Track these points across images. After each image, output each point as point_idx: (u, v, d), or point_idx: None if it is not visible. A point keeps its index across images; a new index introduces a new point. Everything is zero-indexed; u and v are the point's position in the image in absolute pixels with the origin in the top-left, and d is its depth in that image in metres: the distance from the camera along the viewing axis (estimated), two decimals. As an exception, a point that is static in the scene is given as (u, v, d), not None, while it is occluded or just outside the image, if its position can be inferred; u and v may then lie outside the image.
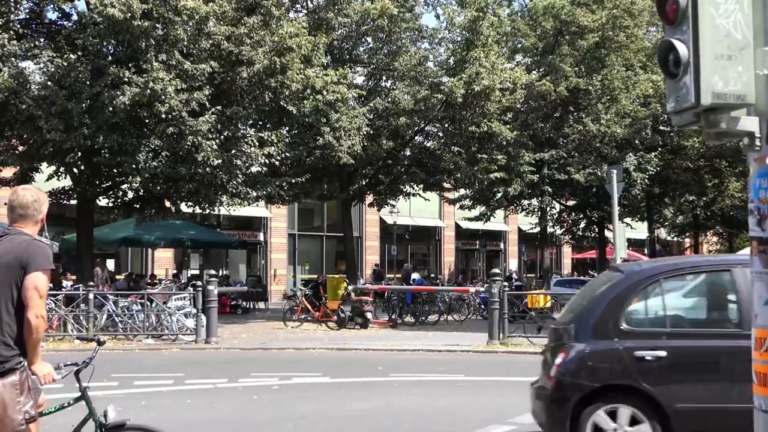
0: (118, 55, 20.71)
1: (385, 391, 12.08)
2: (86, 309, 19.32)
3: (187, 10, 19.46)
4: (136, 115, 19.91)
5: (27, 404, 4.66)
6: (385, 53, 29.45)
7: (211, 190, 21.89)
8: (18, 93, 19.30)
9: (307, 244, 42.24)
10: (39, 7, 21.21)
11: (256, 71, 20.81)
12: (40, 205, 4.97)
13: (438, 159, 29.95)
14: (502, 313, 18.82)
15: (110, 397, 10.57)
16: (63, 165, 21.57)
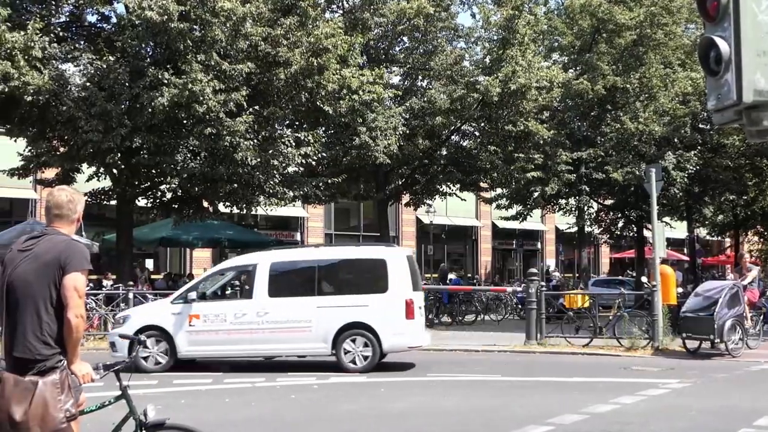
0: (156, 56, 20.91)
1: (422, 390, 12.07)
2: (126, 308, 19.51)
3: (224, 11, 19.60)
4: (175, 116, 20.10)
5: (68, 402, 4.68)
6: (421, 53, 29.40)
7: (249, 190, 22.01)
8: (59, 95, 19.57)
9: (344, 243, 42.28)
10: (79, 10, 21.48)
11: (292, 72, 20.89)
12: (74, 205, 5.00)
13: (474, 158, 29.81)
14: (539, 313, 18.72)
15: (150, 395, 10.68)
16: (103, 165, 21.82)
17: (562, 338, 18.72)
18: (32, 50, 18.83)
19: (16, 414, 4.55)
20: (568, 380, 13.32)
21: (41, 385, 4.59)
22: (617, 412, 10.13)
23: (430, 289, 28.12)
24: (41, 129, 20.78)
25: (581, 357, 17.07)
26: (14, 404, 4.57)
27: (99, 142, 19.46)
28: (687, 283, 33.10)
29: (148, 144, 20.16)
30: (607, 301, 21.49)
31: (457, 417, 9.97)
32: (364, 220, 42.41)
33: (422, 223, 42.41)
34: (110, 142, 19.55)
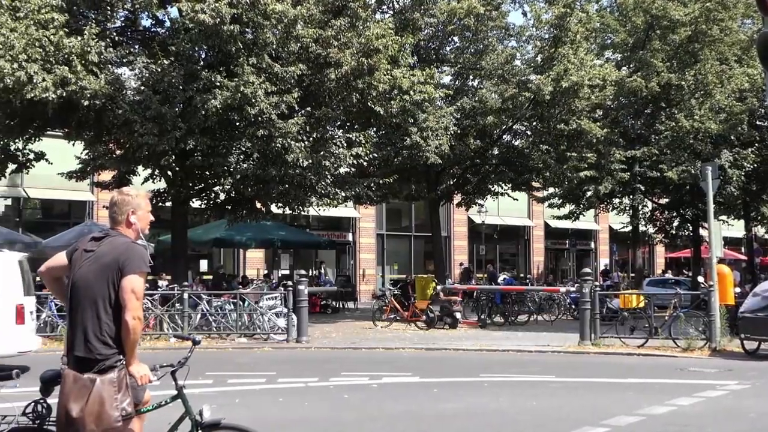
0: (209, 59, 21.15)
1: (475, 391, 12.03)
2: (181, 308, 19.77)
3: (275, 13, 19.75)
4: (227, 118, 20.32)
5: (124, 401, 4.74)
6: (471, 52, 29.31)
7: (301, 191, 22.14)
8: (114, 98, 19.90)
9: (396, 244, 42.35)
10: (134, 15, 21.83)
11: (343, 73, 20.97)
12: (120, 207, 5.08)
13: (526, 158, 29.65)
14: (593, 314, 18.54)
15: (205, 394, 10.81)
16: (158, 167, 22.15)
17: (616, 339, 18.52)
18: (89, 55, 19.19)
19: (73, 411, 4.63)
20: (623, 381, 13.17)
21: (98, 383, 4.67)
22: (674, 413, 10.00)
23: (482, 289, 28.05)
24: (98, 132, 21.14)
25: (636, 358, 16.86)
26: (72, 401, 4.65)
27: (154, 144, 19.76)
28: (745, 282, 32.53)
29: (202, 146, 20.41)
30: (663, 301, 21.20)
31: (510, 418, 9.92)
32: (415, 221, 42.42)
33: (474, 223, 42.28)
34: (165, 145, 19.84)
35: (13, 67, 18.23)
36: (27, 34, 18.64)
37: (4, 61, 18.20)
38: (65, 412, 4.67)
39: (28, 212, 31.64)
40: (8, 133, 21.73)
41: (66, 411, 4.67)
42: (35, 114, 20.36)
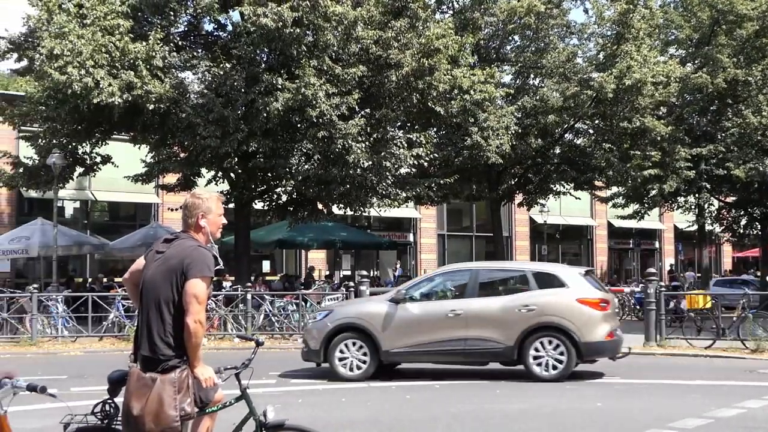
0: (271, 62, 21.35)
1: (539, 392, 11.92)
2: (245, 309, 19.99)
3: (335, 15, 19.85)
4: (289, 120, 20.49)
5: (184, 402, 4.78)
6: (532, 51, 29.10)
7: (362, 192, 22.21)
8: (178, 102, 20.22)
9: (457, 244, 42.22)
10: (196, 19, 22.12)
11: (404, 74, 20.99)
12: (191, 210, 5.11)
13: (589, 156, 29.32)
14: (658, 314, 18.25)
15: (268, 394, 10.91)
16: (221, 170, 22.44)
17: (682, 340, 18.20)
18: (153, 60, 19.54)
19: (134, 409, 4.70)
20: (690, 383, 12.94)
21: (159, 382, 4.72)
22: (743, 416, 9.78)
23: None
24: (162, 136, 21.48)
25: (703, 359, 16.54)
26: (134, 399, 4.73)
27: (217, 147, 20.03)
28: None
29: (264, 148, 20.62)
30: (731, 301, 20.77)
31: (574, 419, 9.82)
32: (476, 221, 42.24)
33: (536, 222, 41.94)
34: (227, 147, 20.09)
35: (80, 72, 18.65)
36: (94, 41, 19.06)
37: (72, 67, 18.63)
38: (127, 409, 4.75)
39: (95, 214, 32.28)
40: (76, 137, 22.24)
41: (128, 409, 4.75)
42: (102, 118, 20.80)
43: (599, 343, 12.90)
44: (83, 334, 19.41)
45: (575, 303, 12.88)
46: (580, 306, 12.87)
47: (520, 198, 32.75)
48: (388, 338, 13.06)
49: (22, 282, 26.34)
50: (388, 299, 13.58)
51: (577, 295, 12.97)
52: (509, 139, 25.50)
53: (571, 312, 12.80)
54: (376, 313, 13.34)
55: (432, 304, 13.51)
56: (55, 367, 15.17)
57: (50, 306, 19.83)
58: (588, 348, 12.72)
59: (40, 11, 19.54)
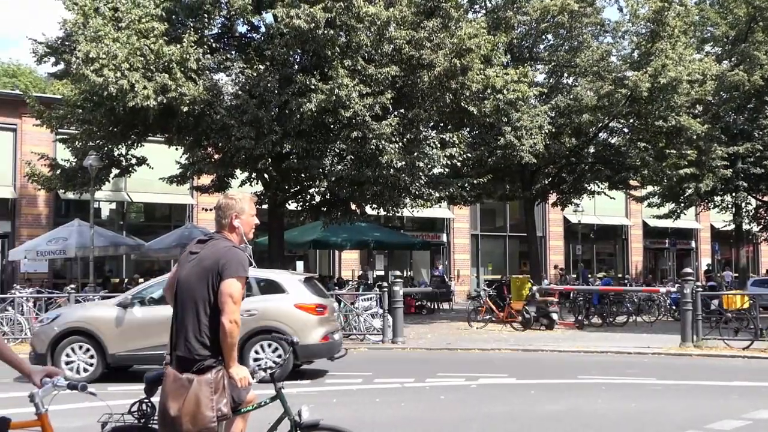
0: (304, 63, 21.43)
1: (573, 393, 11.87)
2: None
3: (368, 16, 19.87)
4: (322, 121, 20.54)
5: (221, 402, 4.81)
6: (566, 49, 28.96)
7: (395, 192, 22.22)
8: (212, 104, 20.36)
9: (490, 244, 42.09)
10: (230, 21, 22.26)
11: (436, 73, 20.96)
12: (224, 211, 5.15)
13: (623, 155, 29.12)
14: (695, 315, 18.06)
15: (303, 394, 10.96)
16: (255, 171, 22.56)
17: (720, 340, 18.00)
18: (188, 62, 19.68)
19: (171, 410, 4.74)
20: (728, 384, 12.80)
21: (195, 383, 4.75)
22: (782, 418, 9.66)
23: (579, 289, 27.63)
24: (197, 137, 21.64)
25: (741, 360, 16.35)
26: (170, 400, 4.76)
27: (251, 148, 20.14)
28: None
29: (298, 149, 20.69)
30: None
31: (610, 421, 9.75)
32: (510, 221, 42.08)
33: (570, 222, 41.73)
34: (261, 148, 20.20)
35: (116, 75, 18.84)
36: (129, 44, 19.24)
37: (107, 70, 18.83)
38: (164, 410, 4.79)
39: (131, 215, 32.61)
40: (111, 139, 22.47)
41: (165, 409, 4.79)
42: (137, 120, 21.00)
43: (314, 346, 13.32)
44: (120, 334, 19.55)
45: (293, 308, 13.43)
46: (297, 311, 13.43)
47: (553, 197, 32.61)
48: (114, 342, 13.38)
49: (59, 282, 26.66)
50: (116, 303, 13.87)
51: (295, 300, 13.51)
52: (543, 138, 25.39)
53: (288, 316, 13.33)
54: (103, 317, 13.65)
55: (156, 309, 13.37)
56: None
57: (87, 306, 20.00)
58: (304, 350, 13.02)
59: (77, 15, 19.75)
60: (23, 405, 4.83)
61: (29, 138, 28.18)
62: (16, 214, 28.78)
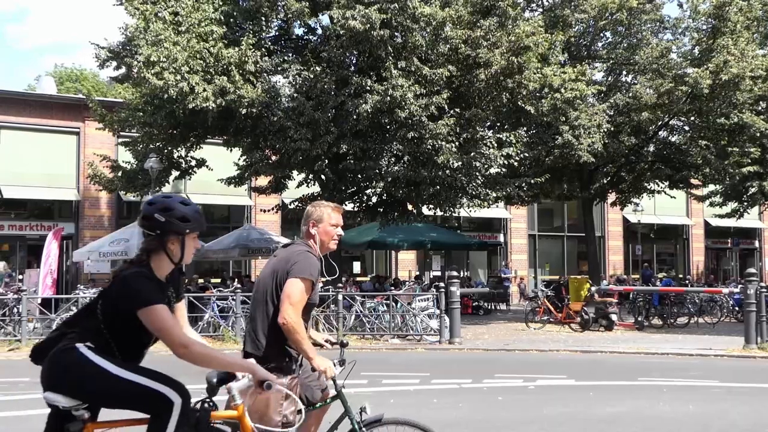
0: (360, 64, 21.50)
1: (633, 395, 11.71)
2: (336, 310, 20.17)
3: (424, 16, 19.87)
4: (378, 122, 20.59)
5: (288, 409, 4.91)
6: (624, 47, 28.62)
7: (452, 193, 22.17)
8: (270, 106, 20.56)
9: (548, 244, 41.76)
10: (287, 24, 22.44)
11: (493, 72, 20.87)
12: (305, 218, 5.37)
13: (684, 154, 28.67)
14: (759, 316, 17.69)
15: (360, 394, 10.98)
16: (311, 172, 22.70)
17: (785, 342, 17.62)
18: (246, 65, 19.91)
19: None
20: (794, 387, 12.52)
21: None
22: None
23: (639, 290, 27.26)
24: (254, 139, 21.85)
25: (808, 363, 15.99)
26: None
27: (308, 149, 20.27)
28: None
29: (354, 150, 20.77)
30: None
31: (670, 424, 9.60)
32: (568, 220, 41.71)
33: (629, 222, 41.21)
34: (318, 150, 20.32)
35: (176, 78, 19.14)
36: (189, 47, 19.53)
37: (168, 73, 19.13)
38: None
39: (190, 217, 32.99)
40: (171, 141, 22.83)
41: None
42: (196, 122, 21.29)
43: None
44: (180, 334, 19.82)
45: None
46: None
47: (612, 197, 32.25)
48: None
49: (121, 283, 27.04)
50: None
51: None
52: (601, 137, 25.12)
53: None
54: None
55: None
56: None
57: (148, 306, 20.29)
58: None
59: (138, 20, 20.11)
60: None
61: (92, 141, 28.77)
62: (79, 216, 29.39)
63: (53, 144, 29.27)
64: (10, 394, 11.66)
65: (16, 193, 28.08)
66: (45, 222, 28.41)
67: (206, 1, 20.51)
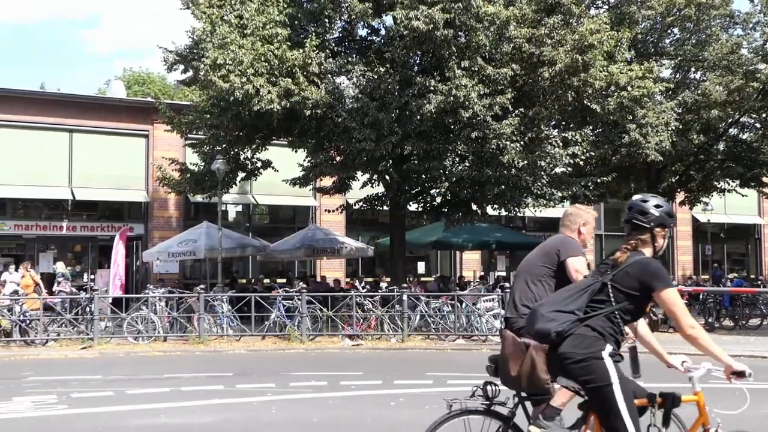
0: (423, 64, 21.48)
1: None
2: (401, 310, 20.18)
3: (488, 16, 19.77)
4: (442, 122, 20.55)
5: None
6: (693, 43, 28.09)
7: (516, 192, 22.02)
8: (334, 107, 20.66)
9: (615, 244, 41.00)
10: (350, 25, 22.54)
11: (557, 71, 20.66)
12: (573, 218, 6.17)
13: (756, 151, 28.05)
14: (835, 317, 17.21)
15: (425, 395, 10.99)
16: (375, 173, 22.75)
17: None
18: (310, 66, 20.05)
19: (512, 369, 5.36)
20: None
21: (531, 349, 5.24)
22: None
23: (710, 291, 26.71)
24: (319, 140, 21.99)
25: None
26: (511, 361, 5.38)
27: (372, 150, 20.32)
28: None
29: (418, 150, 20.76)
30: None
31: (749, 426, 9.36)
32: (635, 220, 41.01)
33: (699, 222, 40.41)
34: (382, 150, 20.36)
35: (242, 81, 19.37)
36: (254, 50, 19.75)
37: (233, 75, 19.38)
38: (506, 369, 5.44)
39: (256, 217, 33.41)
40: (237, 143, 23.11)
41: (506, 369, 5.43)
42: (261, 124, 21.52)
43: None
44: (247, 333, 20.09)
45: None
46: None
47: (681, 196, 31.68)
48: None
49: (190, 283, 27.56)
50: None
51: None
52: (669, 135, 24.70)
53: None
54: None
55: None
56: (222, 365, 15.80)
57: (216, 306, 20.64)
58: None
59: (204, 24, 20.40)
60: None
61: (160, 143, 29.27)
62: (148, 217, 29.93)
63: (123, 147, 29.85)
64: (84, 391, 11.94)
65: (88, 195, 28.71)
66: (115, 223, 28.99)
67: (271, 4, 20.71)
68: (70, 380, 13.33)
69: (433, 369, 14.26)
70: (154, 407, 10.54)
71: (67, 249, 29.56)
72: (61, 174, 28.68)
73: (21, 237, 28.65)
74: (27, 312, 19.85)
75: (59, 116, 28.71)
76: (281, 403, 10.91)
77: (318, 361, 16.64)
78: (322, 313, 20.33)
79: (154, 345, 19.39)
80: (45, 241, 29.01)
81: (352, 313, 20.19)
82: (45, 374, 14.19)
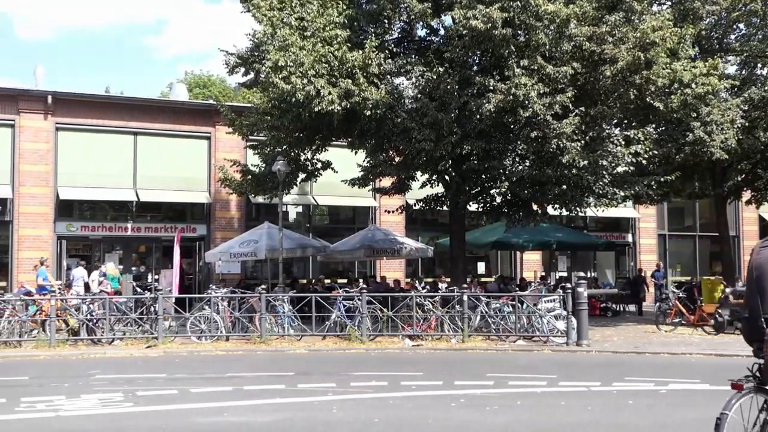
0: (482, 64, 21.41)
1: None
2: (461, 310, 20.13)
3: (547, 14, 19.62)
4: (501, 121, 20.44)
5: None
6: (759, 38, 27.44)
7: (578, 192, 21.79)
8: (394, 108, 20.71)
9: (679, 244, 40.51)
10: (409, 26, 22.57)
11: (619, 69, 20.38)
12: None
13: (827, 149, 27.29)
14: None
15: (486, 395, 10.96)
16: (435, 173, 22.75)
17: None
18: (370, 67, 20.14)
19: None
20: None
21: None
22: None
23: None
24: (378, 141, 22.06)
25: None
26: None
27: (431, 150, 20.33)
28: None
29: (477, 150, 20.70)
30: None
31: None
32: (699, 220, 40.36)
33: (766, 222, 39.58)
34: (441, 150, 20.35)
35: (302, 82, 19.54)
36: (314, 51, 19.91)
37: (294, 77, 19.56)
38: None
39: (316, 218, 33.63)
40: (298, 144, 23.31)
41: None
42: (322, 125, 21.67)
43: None
44: (307, 333, 20.23)
45: None
46: None
47: (747, 195, 31.04)
48: None
49: (251, 283, 27.86)
50: None
51: None
52: (735, 133, 24.19)
53: None
54: None
55: None
56: (283, 364, 15.94)
57: (277, 306, 20.82)
58: None
59: (265, 26, 20.60)
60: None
61: (222, 145, 29.66)
62: (210, 218, 30.33)
63: (186, 149, 30.31)
64: (149, 389, 12.16)
65: (152, 196, 29.19)
66: (178, 224, 29.42)
67: (331, 6, 20.84)
68: (136, 378, 13.60)
69: (494, 370, 14.21)
70: (217, 405, 10.70)
71: (131, 249, 30.12)
72: (126, 176, 29.23)
73: (87, 238, 29.26)
74: (93, 312, 20.31)
75: (124, 119, 29.27)
76: (342, 402, 10.98)
77: (378, 361, 16.70)
78: (382, 314, 20.37)
79: (217, 344, 19.65)
80: (110, 242, 29.59)
81: (413, 314, 20.20)
82: (111, 372, 14.49)
